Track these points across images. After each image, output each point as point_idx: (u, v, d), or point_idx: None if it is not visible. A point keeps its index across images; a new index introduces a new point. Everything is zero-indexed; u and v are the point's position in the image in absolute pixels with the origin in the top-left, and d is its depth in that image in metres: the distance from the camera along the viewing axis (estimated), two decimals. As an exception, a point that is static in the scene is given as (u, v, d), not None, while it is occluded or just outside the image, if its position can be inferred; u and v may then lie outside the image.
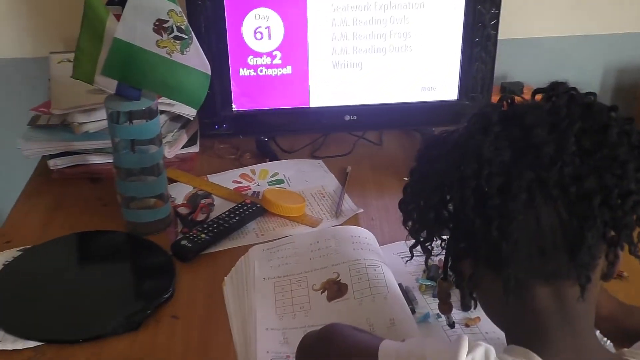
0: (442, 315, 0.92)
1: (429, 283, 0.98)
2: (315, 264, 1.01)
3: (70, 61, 1.37)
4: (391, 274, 0.98)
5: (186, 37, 1.00)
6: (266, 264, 1.02)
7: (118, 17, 1.00)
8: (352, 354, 0.75)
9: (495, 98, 1.44)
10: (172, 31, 0.98)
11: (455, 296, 0.96)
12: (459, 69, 1.33)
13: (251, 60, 1.28)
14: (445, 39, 1.31)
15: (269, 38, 1.27)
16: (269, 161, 1.35)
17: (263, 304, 0.96)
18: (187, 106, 1.11)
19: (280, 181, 1.30)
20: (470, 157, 0.69)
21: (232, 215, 1.15)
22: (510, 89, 1.52)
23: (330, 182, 1.30)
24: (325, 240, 1.04)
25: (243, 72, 1.29)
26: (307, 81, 1.32)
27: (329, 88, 1.32)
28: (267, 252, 1.05)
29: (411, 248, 0.84)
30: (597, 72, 1.73)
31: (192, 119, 1.30)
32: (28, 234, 1.14)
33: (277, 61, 1.29)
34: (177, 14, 0.98)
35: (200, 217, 1.18)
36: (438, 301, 0.89)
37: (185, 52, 1.00)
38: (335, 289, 0.96)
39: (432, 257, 0.83)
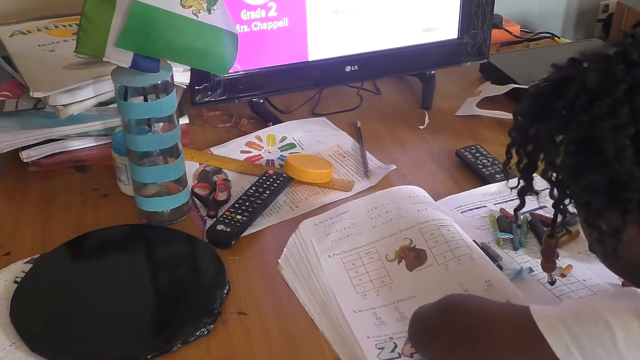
0: (545, 273, 0.86)
1: (507, 236, 0.93)
2: (380, 232, 0.93)
3: (24, 33, 1.20)
4: (464, 232, 0.92)
5: (210, -7, 0.86)
6: (325, 240, 0.93)
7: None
8: (498, 321, 0.68)
9: (496, 33, 1.41)
10: (197, -13, 0.84)
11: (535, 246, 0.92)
12: (460, 4, 1.26)
13: (244, 15, 1.14)
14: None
15: (263, -12, 1.14)
16: (273, 125, 1.24)
17: (338, 284, 0.87)
18: (208, 72, 0.96)
19: (292, 145, 1.19)
20: (623, 102, 0.63)
21: (260, 189, 1.04)
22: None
23: (344, 140, 1.20)
24: (383, 205, 0.96)
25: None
26: (305, 33, 1.20)
27: (328, 38, 1.21)
28: (321, 227, 0.95)
29: (516, 210, 0.78)
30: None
31: (185, 87, 1.16)
32: (27, 241, 0.97)
33: (272, 13, 1.16)
34: (200, -32, 0.84)
35: (222, 196, 1.06)
36: (541, 259, 0.83)
37: (212, 11, 0.86)
38: (412, 257, 0.89)
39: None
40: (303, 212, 1.02)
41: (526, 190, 0.75)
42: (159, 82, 0.90)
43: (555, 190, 0.70)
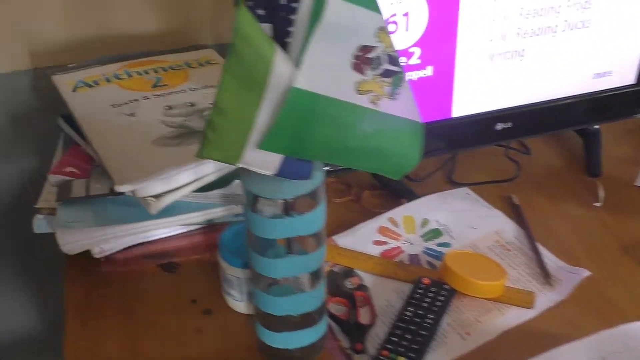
0: None
1: None
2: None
3: (90, 85, 0.93)
4: None
5: (398, 70, 0.58)
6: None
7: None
8: None
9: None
10: (380, 64, 0.57)
11: None
12: (644, 42, 0.99)
13: (380, 64, 0.87)
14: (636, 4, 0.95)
15: (407, 29, 0.86)
16: (407, 202, 0.96)
17: None
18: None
19: (438, 233, 0.92)
20: None
21: (419, 311, 0.77)
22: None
23: (503, 224, 0.93)
24: (616, 354, 0.69)
25: (368, 81, 0.88)
26: (452, 84, 0.93)
27: (478, 90, 0.94)
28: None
29: None
30: None
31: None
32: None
33: (414, 61, 0.89)
34: (387, 34, 0.57)
35: (364, 316, 0.79)
36: None
37: (396, 96, 0.59)
38: None
39: None
40: (479, 344, 0.76)
41: None
42: (309, 191, 0.63)
43: None
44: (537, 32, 0.92)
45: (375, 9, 0.55)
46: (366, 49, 0.56)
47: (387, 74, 0.58)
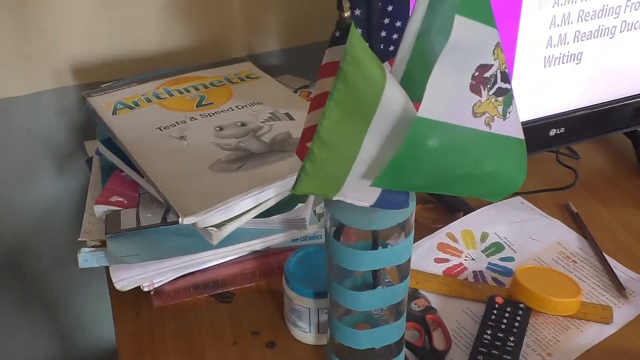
0: None
1: None
2: None
3: (131, 106, 0.88)
4: None
5: (509, 87, 0.54)
6: None
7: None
8: None
9: None
10: (495, 82, 0.53)
11: None
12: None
13: (437, 74, 0.84)
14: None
15: (464, 37, 0.83)
16: (464, 215, 0.93)
17: None
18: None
19: (500, 247, 0.88)
20: None
21: (498, 333, 0.73)
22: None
23: (564, 234, 0.90)
24: None
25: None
26: (508, 91, 0.89)
27: (533, 96, 0.91)
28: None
29: None
30: None
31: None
32: None
33: (471, 69, 0.85)
34: (501, 50, 0.53)
35: (439, 341, 0.76)
36: None
37: (508, 115, 0.55)
38: None
39: None
40: (565, 365, 0.73)
41: None
42: (400, 222, 0.59)
43: None
44: (594, 34, 0.89)
45: (493, 24, 0.51)
46: (484, 67, 0.52)
47: (499, 92, 0.54)
